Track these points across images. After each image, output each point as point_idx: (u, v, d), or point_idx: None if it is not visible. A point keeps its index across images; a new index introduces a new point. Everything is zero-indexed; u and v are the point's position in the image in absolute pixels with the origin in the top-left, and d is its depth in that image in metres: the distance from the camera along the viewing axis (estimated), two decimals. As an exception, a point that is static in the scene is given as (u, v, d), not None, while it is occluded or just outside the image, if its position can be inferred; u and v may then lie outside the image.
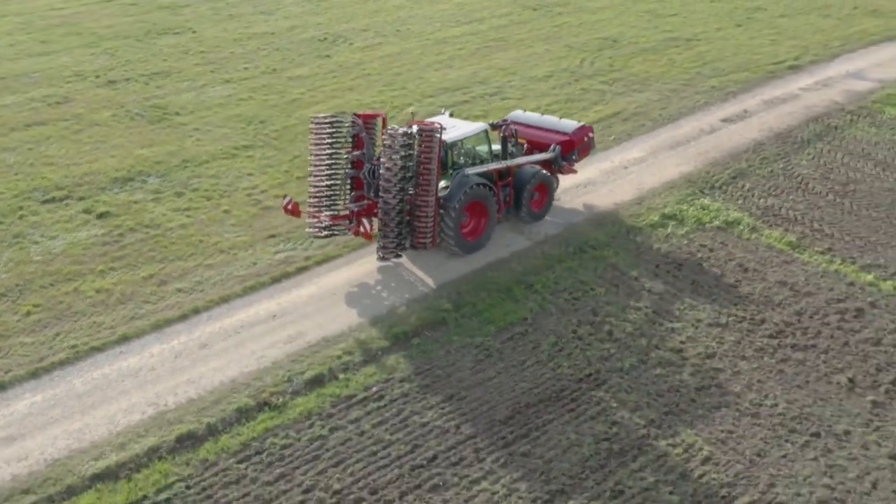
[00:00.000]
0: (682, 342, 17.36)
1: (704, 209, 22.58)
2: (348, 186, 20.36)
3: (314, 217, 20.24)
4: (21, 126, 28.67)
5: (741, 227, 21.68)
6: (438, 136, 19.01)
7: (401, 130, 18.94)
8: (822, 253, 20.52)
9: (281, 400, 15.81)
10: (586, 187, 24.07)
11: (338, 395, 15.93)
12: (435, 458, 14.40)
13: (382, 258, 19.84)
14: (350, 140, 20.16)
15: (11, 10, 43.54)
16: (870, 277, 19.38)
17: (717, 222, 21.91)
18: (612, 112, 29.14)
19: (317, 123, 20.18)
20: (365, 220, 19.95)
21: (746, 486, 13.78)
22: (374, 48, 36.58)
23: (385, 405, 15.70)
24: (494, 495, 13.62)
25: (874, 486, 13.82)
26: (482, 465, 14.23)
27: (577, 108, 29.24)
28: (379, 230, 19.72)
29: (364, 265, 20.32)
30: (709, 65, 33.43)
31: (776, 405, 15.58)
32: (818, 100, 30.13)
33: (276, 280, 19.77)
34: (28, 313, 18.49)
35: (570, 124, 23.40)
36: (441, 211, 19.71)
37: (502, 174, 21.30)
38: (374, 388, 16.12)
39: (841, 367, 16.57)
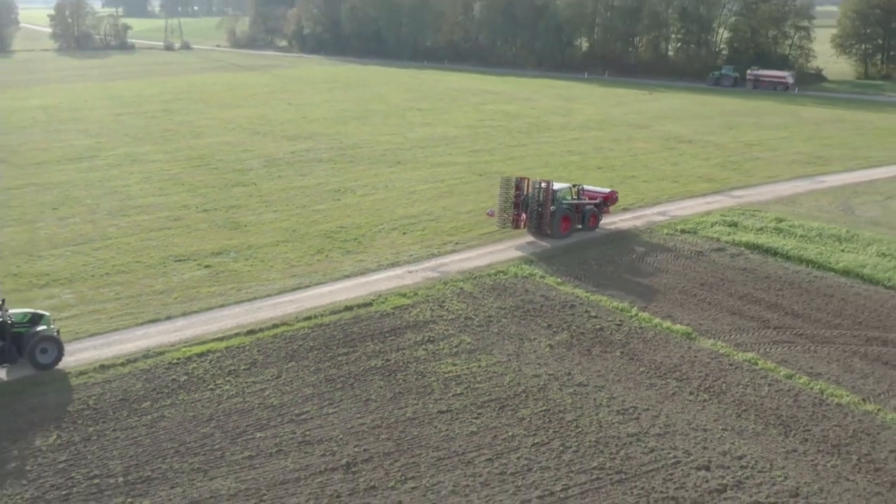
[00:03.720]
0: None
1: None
2: (512, 204, 46.57)
3: (502, 217, 47.05)
4: (157, 229, 49.73)
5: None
6: (551, 187, 44.18)
7: (540, 183, 45.40)
8: (572, 281, 40.24)
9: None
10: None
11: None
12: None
13: (533, 234, 46.93)
14: (515, 184, 46.13)
15: (136, 170, 65.99)
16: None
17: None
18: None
19: (504, 179, 46.78)
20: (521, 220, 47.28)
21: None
22: (368, 195, 57.91)
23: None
24: (377, 341, 33.15)
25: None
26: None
27: (478, 225, 49.82)
28: (527, 225, 46.82)
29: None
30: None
31: (511, 323, 35.07)
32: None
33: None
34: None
35: (605, 190, 50.58)
36: (552, 218, 45.49)
37: (576, 207, 47.30)
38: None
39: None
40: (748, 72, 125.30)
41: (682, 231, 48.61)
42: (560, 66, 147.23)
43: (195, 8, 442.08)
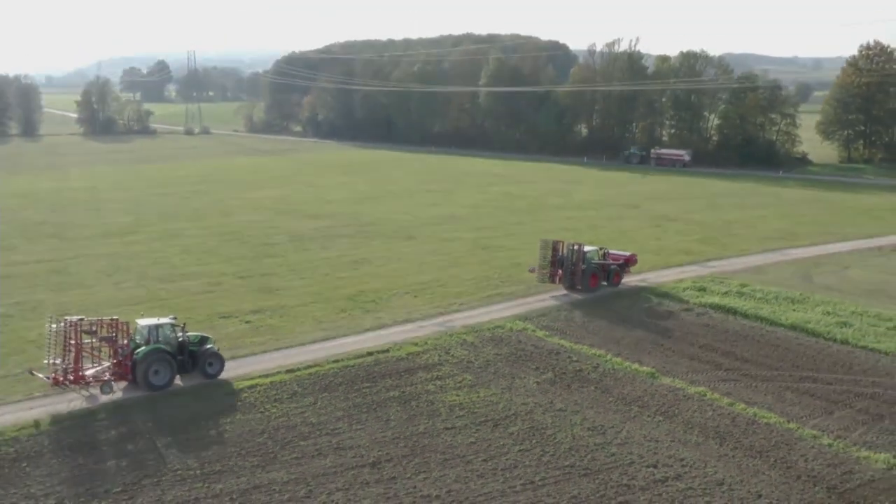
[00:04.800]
0: (481, 352, 44.21)
1: (517, 321, 49.76)
2: (549, 262, 55.01)
3: (541, 273, 56.07)
4: (201, 292, 57.29)
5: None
6: (582, 249, 52.57)
7: (573, 246, 54.11)
8: (558, 333, 47.51)
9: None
10: (469, 315, 51.56)
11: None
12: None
13: (566, 288, 54.78)
14: (552, 246, 53.97)
15: (175, 243, 73.90)
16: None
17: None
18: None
19: (543, 242, 55.27)
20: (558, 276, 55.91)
21: None
22: (384, 265, 65.49)
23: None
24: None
25: (524, 378, 40.20)
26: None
27: (480, 289, 57.27)
28: (562, 280, 55.82)
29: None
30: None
31: (505, 364, 42.27)
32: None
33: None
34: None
35: (627, 253, 59.56)
36: (582, 275, 54.36)
37: (602, 267, 55.77)
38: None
39: (537, 358, 43.23)
40: (652, 151, 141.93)
41: (658, 295, 55.92)
42: (561, 151, 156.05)
43: (210, 94, 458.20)
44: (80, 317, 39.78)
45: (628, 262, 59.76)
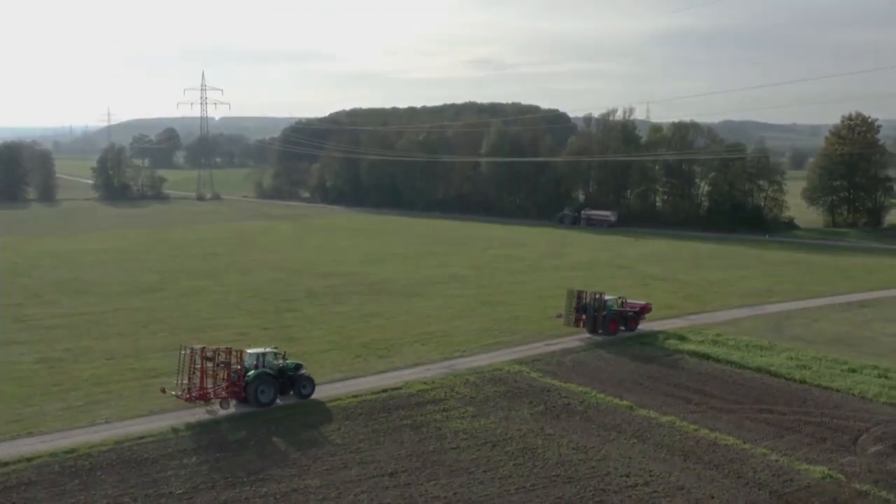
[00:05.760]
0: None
1: (514, 364, 56.09)
2: (574, 309, 62.36)
3: (567, 318, 63.86)
4: (230, 341, 63.55)
5: (525, 368, 55.09)
6: (603, 298, 60.68)
7: (595, 295, 62.22)
8: (550, 374, 53.80)
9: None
10: (472, 359, 57.95)
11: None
12: (391, 404, 47.52)
13: (589, 332, 63.04)
14: (577, 295, 60.88)
15: (201, 299, 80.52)
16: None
17: (516, 367, 55.34)
18: (497, 340, 63.48)
19: (569, 291, 62.14)
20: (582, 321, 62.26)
21: None
22: (394, 318, 71.86)
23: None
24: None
25: None
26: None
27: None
28: (585, 325, 63.18)
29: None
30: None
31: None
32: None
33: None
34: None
35: (642, 302, 67.10)
36: (603, 320, 62.47)
37: (621, 314, 61.45)
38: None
39: (531, 394, 49.49)
40: (582, 212, 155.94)
41: (641, 343, 62.34)
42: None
43: (217, 160, 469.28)
44: (202, 346, 48.82)
45: (644, 310, 67.24)
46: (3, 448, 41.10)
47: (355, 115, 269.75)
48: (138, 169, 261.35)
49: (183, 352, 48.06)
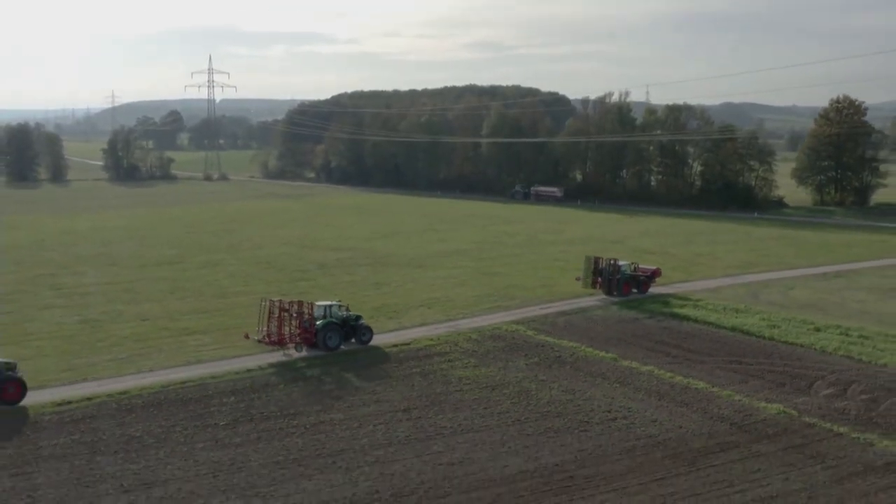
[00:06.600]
0: (482, 344, 56.41)
1: (512, 324, 62.01)
2: (592, 273, 69.22)
3: (585, 281, 71.49)
4: (251, 305, 69.39)
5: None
6: (617, 263, 67.83)
7: (610, 261, 70.06)
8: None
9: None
10: (473, 320, 63.86)
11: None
12: (402, 356, 53.49)
13: (605, 293, 68.98)
14: (594, 260, 67.54)
15: (219, 270, 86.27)
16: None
17: (514, 327, 61.26)
18: (497, 304, 69.34)
19: (587, 257, 69.15)
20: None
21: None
22: (401, 286, 77.58)
23: (390, 351, 54.83)
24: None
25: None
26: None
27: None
28: (601, 286, 70.23)
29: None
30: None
31: (501, 352, 54.45)
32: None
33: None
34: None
35: (653, 268, 74.31)
36: (618, 283, 69.03)
37: (633, 277, 68.33)
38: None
39: (526, 348, 55.43)
40: (531, 188, 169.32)
41: (628, 308, 68.16)
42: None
43: (221, 142, 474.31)
44: (279, 298, 55.70)
45: (654, 275, 74.43)
46: (63, 391, 46.97)
47: (358, 97, 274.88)
48: (147, 150, 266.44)
49: (263, 303, 55.11)
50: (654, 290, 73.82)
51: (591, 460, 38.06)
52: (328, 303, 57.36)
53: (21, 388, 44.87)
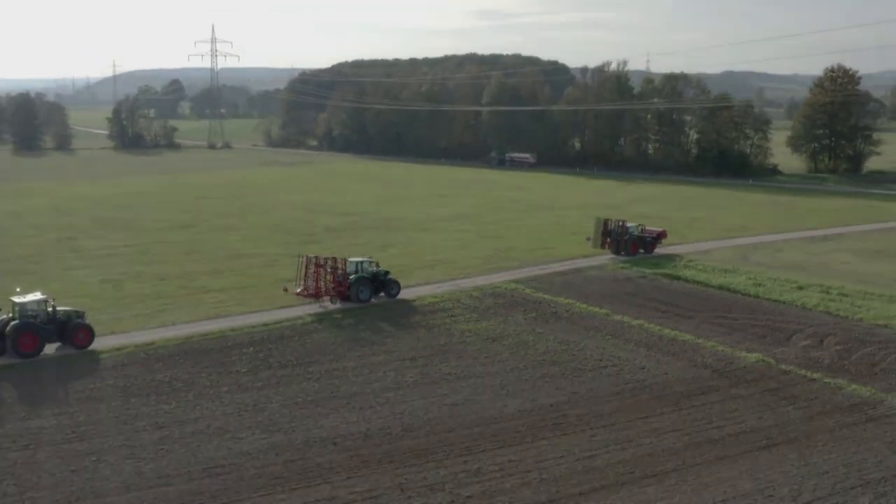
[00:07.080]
0: (484, 301, 59.98)
1: (511, 283, 65.51)
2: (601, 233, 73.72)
3: (595, 241, 75.99)
4: (265, 266, 72.84)
5: (520, 286, 64.55)
6: (625, 224, 72.00)
7: (618, 222, 75.43)
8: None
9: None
10: (475, 280, 67.45)
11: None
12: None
13: (613, 252, 73.38)
14: (603, 221, 71.71)
15: (231, 233, 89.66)
16: (551, 294, 61.95)
17: (513, 285, 64.78)
18: (497, 265, 72.84)
19: (597, 219, 72.82)
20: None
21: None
22: (406, 248, 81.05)
23: (397, 307, 58.42)
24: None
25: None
26: (420, 312, 56.92)
27: (483, 264, 73.08)
28: (610, 246, 74.05)
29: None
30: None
31: (501, 308, 58.02)
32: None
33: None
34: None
35: (659, 229, 78.62)
36: (625, 243, 74.24)
37: (640, 238, 72.49)
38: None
39: (525, 304, 58.99)
40: (506, 155, 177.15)
41: (622, 268, 71.66)
42: (556, 163, 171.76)
43: (222, 111, 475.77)
44: (315, 255, 59.89)
45: (660, 236, 78.63)
46: (93, 343, 50.49)
47: (359, 65, 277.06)
48: (150, 119, 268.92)
49: (300, 259, 59.44)
50: (643, 254, 77.35)
51: (584, 401, 41.72)
52: (360, 259, 61.70)
53: (90, 334, 49.56)
